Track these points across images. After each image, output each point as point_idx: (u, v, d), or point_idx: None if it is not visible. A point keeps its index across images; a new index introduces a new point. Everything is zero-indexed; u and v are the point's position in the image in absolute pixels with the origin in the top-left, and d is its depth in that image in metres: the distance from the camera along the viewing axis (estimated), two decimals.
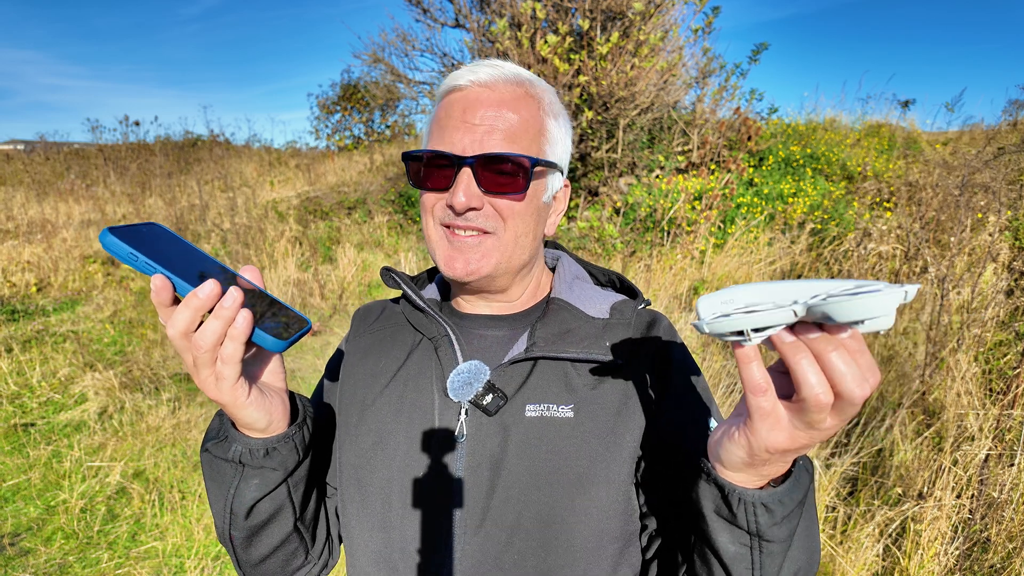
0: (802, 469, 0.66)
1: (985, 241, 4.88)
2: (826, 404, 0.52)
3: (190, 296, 0.63)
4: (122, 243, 0.63)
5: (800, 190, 6.94)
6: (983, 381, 3.60)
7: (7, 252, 8.06)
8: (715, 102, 7.42)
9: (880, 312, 0.47)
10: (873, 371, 0.52)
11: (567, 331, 0.88)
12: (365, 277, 7.27)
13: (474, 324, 0.95)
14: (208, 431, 0.81)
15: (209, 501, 0.83)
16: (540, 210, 0.90)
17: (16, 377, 5.08)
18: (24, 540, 3.24)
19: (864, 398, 0.51)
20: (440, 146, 0.84)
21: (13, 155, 17.13)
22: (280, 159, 14.17)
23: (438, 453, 0.85)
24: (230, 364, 0.66)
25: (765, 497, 0.63)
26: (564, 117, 0.93)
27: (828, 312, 0.48)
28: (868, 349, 0.52)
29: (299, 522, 0.85)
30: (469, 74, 0.86)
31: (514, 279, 0.93)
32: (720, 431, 0.65)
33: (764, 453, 0.58)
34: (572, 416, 0.83)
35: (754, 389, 0.56)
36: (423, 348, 0.94)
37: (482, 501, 0.82)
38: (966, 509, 2.77)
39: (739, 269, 5.77)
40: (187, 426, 4.33)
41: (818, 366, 0.52)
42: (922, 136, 9.57)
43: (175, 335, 0.64)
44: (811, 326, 0.52)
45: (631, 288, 0.99)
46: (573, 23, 6.67)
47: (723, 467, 0.64)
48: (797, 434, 0.56)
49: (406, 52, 7.92)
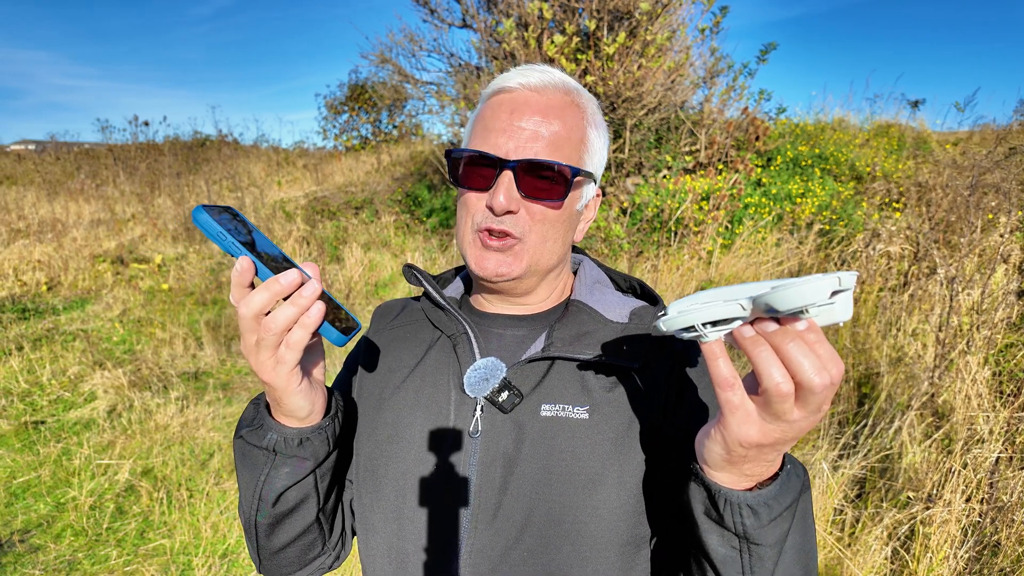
0: (791, 472, 0.66)
1: (996, 242, 4.84)
2: (787, 393, 0.54)
3: (271, 281, 0.67)
4: (214, 222, 0.66)
5: (808, 190, 6.90)
6: (993, 383, 3.57)
7: (18, 251, 8.13)
8: (723, 102, 7.39)
9: (816, 298, 0.49)
10: (834, 361, 0.54)
11: (585, 333, 0.88)
12: (372, 277, 7.29)
13: (493, 323, 0.95)
14: (242, 419, 0.84)
15: (239, 487, 0.85)
16: (572, 217, 0.91)
17: (26, 375, 5.12)
18: (34, 537, 3.27)
19: (824, 386, 0.53)
20: (484, 147, 0.85)
21: (24, 155, 17.29)
22: (288, 159, 14.22)
23: (453, 448, 0.86)
24: (295, 350, 0.69)
25: (751, 498, 0.64)
26: (604, 128, 0.95)
27: (769, 302, 0.51)
28: (827, 340, 0.54)
29: (321, 512, 0.87)
30: (520, 77, 0.87)
31: (540, 282, 0.93)
32: (702, 431, 0.67)
33: (739, 448, 0.60)
34: (587, 417, 0.83)
35: (721, 384, 0.58)
36: (441, 345, 0.94)
37: (494, 497, 0.82)
38: (976, 513, 2.74)
39: (747, 270, 5.74)
40: (195, 424, 4.35)
41: (777, 358, 0.54)
42: (932, 136, 9.49)
43: (248, 314, 0.67)
44: (770, 321, 0.55)
45: (652, 295, 0.99)
46: (580, 23, 6.65)
47: (708, 467, 0.66)
48: (767, 427, 0.58)
49: (413, 52, 7.94)
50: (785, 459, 0.67)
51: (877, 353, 4.15)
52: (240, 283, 0.67)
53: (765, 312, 0.53)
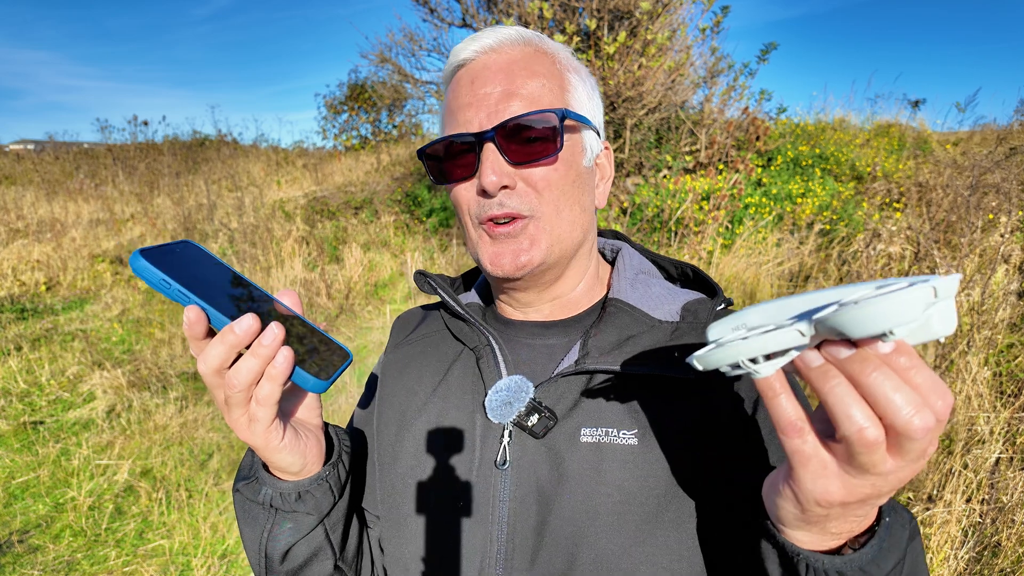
0: (893, 526, 0.52)
1: (996, 242, 4.83)
2: (874, 442, 0.41)
3: (226, 331, 0.57)
4: (154, 268, 0.57)
5: (809, 190, 6.89)
6: (994, 384, 3.56)
7: (17, 251, 8.12)
8: (723, 102, 7.38)
9: (903, 318, 0.37)
10: (938, 391, 0.40)
11: (628, 339, 0.74)
12: (371, 277, 7.28)
13: (521, 332, 0.83)
14: (240, 469, 0.75)
15: (243, 542, 0.75)
16: (583, 176, 0.78)
17: (25, 375, 5.11)
18: (33, 537, 3.26)
19: (927, 429, 0.40)
20: (454, 129, 0.75)
21: (23, 155, 17.26)
22: (287, 159, 14.20)
23: (480, 482, 0.75)
24: (266, 406, 0.59)
25: (840, 565, 0.50)
26: (586, 73, 0.81)
27: (838, 326, 0.40)
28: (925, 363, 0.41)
29: (340, 562, 0.77)
30: (472, 43, 0.76)
31: (569, 264, 0.80)
32: (768, 482, 0.54)
33: (816, 507, 0.47)
34: (636, 443, 0.70)
35: (786, 429, 0.46)
36: (464, 360, 0.83)
37: (530, 540, 0.71)
38: (976, 513, 2.74)
39: (747, 270, 5.73)
40: (194, 425, 4.34)
41: (857, 394, 0.41)
42: (932, 136, 9.49)
43: (207, 371, 0.58)
44: (841, 343, 0.42)
45: (709, 283, 0.82)
46: (580, 23, 6.65)
47: (782, 524, 0.53)
48: (852, 482, 0.45)
49: (413, 52, 7.93)
50: (881, 508, 0.53)
51: None
52: (194, 336, 0.58)
53: (835, 337, 0.41)
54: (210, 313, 0.58)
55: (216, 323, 0.58)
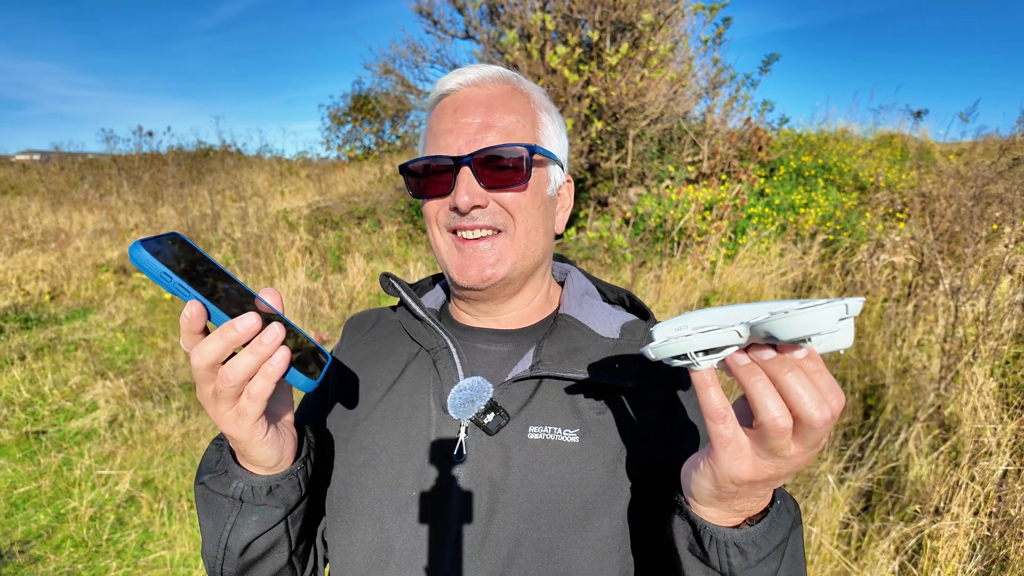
0: (781, 509, 0.63)
1: (1000, 252, 4.82)
2: (784, 429, 0.50)
3: (227, 328, 0.59)
4: (156, 261, 0.57)
5: (812, 201, 6.89)
6: (1000, 395, 3.54)
7: (21, 260, 8.15)
8: (725, 112, 7.41)
9: (822, 327, 0.46)
10: (835, 392, 0.50)
11: (575, 350, 0.83)
12: (374, 287, 7.29)
13: (476, 338, 0.90)
14: (203, 462, 0.77)
15: (202, 534, 0.78)
16: (546, 203, 0.88)
17: (28, 385, 5.11)
18: (34, 547, 3.25)
19: (825, 421, 0.49)
20: (436, 151, 0.83)
21: (29, 165, 17.40)
22: (291, 169, 14.27)
23: (435, 473, 0.81)
24: (257, 401, 0.62)
25: (738, 537, 0.60)
26: (555, 112, 0.92)
27: (769, 330, 0.47)
28: (827, 369, 0.51)
29: (293, 555, 0.81)
30: (457, 77, 0.86)
31: (528, 281, 0.89)
32: (689, 462, 0.63)
33: (730, 484, 0.56)
34: (577, 441, 0.79)
35: (712, 415, 0.54)
36: (420, 360, 0.89)
37: (480, 526, 0.77)
38: (984, 526, 2.71)
39: (750, 280, 5.72)
40: (196, 435, 4.33)
41: (774, 389, 0.50)
42: (935, 146, 9.50)
43: (201, 365, 0.60)
44: (766, 348, 0.51)
45: (642, 308, 0.95)
46: (582, 34, 6.69)
47: (695, 501, 0.62)
48: (761, 463, 0.54)
49: (416, 63, 7.98)
50: (775, 493, 0.63)
51: (882, 364, 4.13)
52: (190, 329, 0.60)
53: (763, 339, 0.50)
54: (210, 309, 0.59)
55: (216, 320, 0.60)
